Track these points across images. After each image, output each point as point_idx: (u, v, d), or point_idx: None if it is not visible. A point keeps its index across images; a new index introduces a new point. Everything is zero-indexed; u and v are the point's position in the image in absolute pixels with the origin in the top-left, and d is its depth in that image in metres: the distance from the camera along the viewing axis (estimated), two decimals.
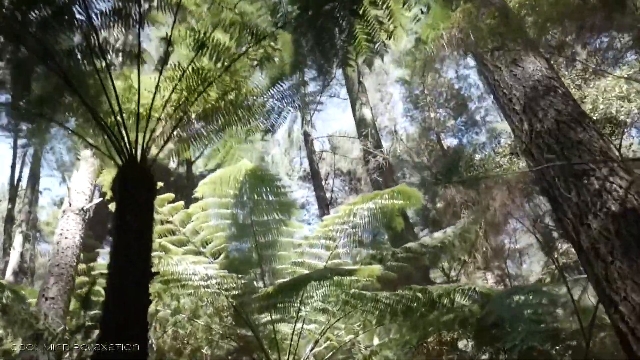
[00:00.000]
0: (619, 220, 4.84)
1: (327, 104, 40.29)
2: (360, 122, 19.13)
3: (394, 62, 41.37)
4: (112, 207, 5.31)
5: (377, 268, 6.43)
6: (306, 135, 37.93)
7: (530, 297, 8.80)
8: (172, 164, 18.65)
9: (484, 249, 10.05)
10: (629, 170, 5.39)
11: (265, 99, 5.78)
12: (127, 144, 4.15)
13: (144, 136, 4.34)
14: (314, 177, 35.60)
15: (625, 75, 10.04)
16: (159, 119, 4.61)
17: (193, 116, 4.94)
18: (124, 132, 4.09)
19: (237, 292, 7.85)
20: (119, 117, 4.32)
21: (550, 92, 6.09)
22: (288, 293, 6.86)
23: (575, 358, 8.43)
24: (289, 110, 6.04)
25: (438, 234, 7.85)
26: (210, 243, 8.51)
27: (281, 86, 5.67)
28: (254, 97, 5.53)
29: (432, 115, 35.91)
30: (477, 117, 36.01)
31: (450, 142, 30.02)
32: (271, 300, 7.06)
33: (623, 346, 4.49)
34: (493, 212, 8.50)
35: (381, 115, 33.46)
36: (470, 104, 36.20)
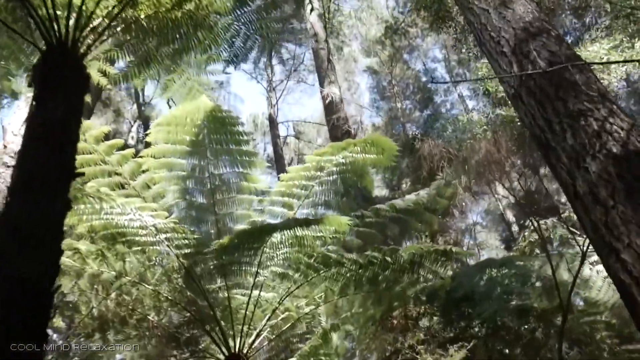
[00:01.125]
0: (620, 162, 4.32)
1: (294, 89, 39.59)
2: (328, 106, 18.52)
3: (362, 51, 40.83)
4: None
5: (344, 221, 5.80)
6: (271, 119, 37.14)
7: (503, 271, 8.37)
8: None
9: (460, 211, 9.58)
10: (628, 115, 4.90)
11: (230, 22, 5.06)
12: (56, 26, 3.40)
13: (78, 20, 3.59)
14: (277, 161, 34.87)
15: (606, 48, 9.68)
16: (97, 3, 3.86)
17: (142, 16, 4.20)
18: (52, 12, 3.34)
19: (189, 251, 7.13)
20: None
21: (542, 34, 5.58)
22: (245, 245, 6.16)
23: (547, 335, 8.05)
24: (256, 40, 5.35)
25: (410, 196, 7.28)
26: (163, 198, 7.76)
27: (249, 5, 4.97)
28: (217, 16, 4.81)
29: (399, 105, 35.57)
30: (443, 110, 35.92)
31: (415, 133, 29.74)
32: (226, 256, 6.36)
33: (625, 299, 3.98)
34: (476, 164, 8.02)
35: (348, 105, 32.89)
36: (436, 97, 36.07)
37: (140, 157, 7.31)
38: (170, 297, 8.37)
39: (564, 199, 13.95)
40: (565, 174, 4.71)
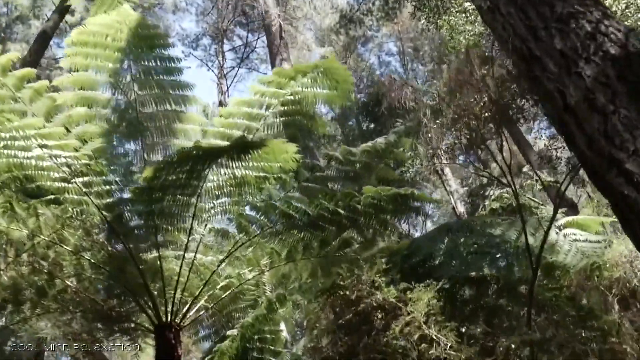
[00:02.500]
0: (620, 64, 3.60)
1: (246, 77, 38.55)
2: None
3: (317, 41, 40.01)
4: None
5: (291, 149, 4.94)
6: (221, 106, 35.86)
7: (465, 235, 7.72)
8: None
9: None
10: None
11: None
12: None
13: None
14: None
15: None
16: None
17: None
18: None
19: (111, 200, 6.14)
20: None
21: None
22: (175, 177, 5.21)
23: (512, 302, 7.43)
24: None
25: (369, 143, 6.49)
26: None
27: None
28: None
29: (352, 98, 34.87)
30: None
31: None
32: (155, 201, 5.41)
33: (628, 219, 3.26)
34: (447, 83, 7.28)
35: None
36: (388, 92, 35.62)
37: (55, 89, 6.21)
38: (93, 260, 7.32)
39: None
40: (552, 84, 3.97)
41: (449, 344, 5.41)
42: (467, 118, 9.40)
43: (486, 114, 9.77)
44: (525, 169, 14.04)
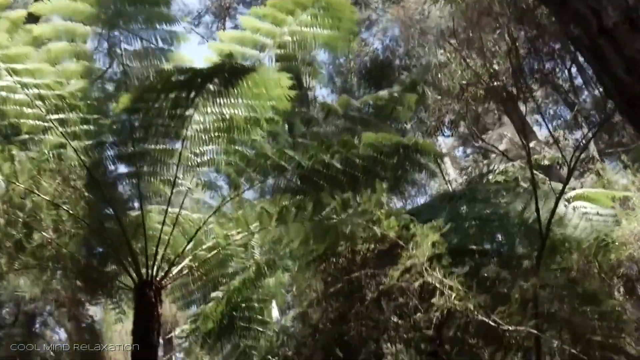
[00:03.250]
0: None
1: None
2: None
3: None
4: None
5: (285, 79, 4.46)
6: None
7: (465, 207, 7.28)
8: None
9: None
10: None
11: None
12: None
13: None
14: None
15: None
16: None
17: None
18: None
19: (90, 142, 5.68)
20: None
21: None
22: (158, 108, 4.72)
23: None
24: None
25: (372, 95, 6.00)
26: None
27: None
28: None
29: (354, 82, 34.30)
30: None
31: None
32: (134, 134, 4.94)
33: None
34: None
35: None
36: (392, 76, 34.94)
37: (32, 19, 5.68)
38: (72, 212, 6.85)
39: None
40: (584, 4, 3.45)
41: (454, 294, 4.94)
42: (476, 85, 8.97)
43: (495, 83, 9.34)
44: (532, 144, 13.62)
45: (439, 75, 10.02)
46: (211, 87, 4.87)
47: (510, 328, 5.00)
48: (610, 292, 8.16)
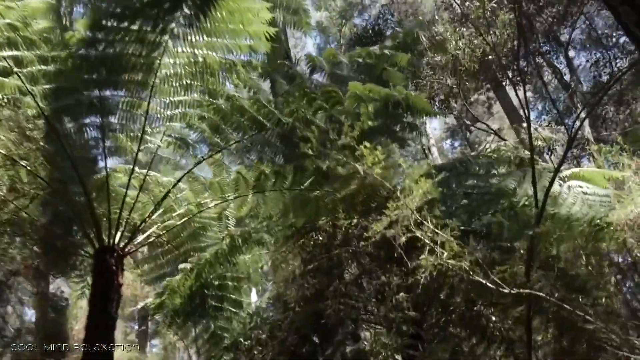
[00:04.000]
0: None
1: None
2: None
3: (313, 4, 38.69)
4: None
5: (265, 10, 3.94)
6: None
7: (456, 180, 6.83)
8: None
9: None
10: None
11: None
12: None
13: None
14: None
15: None
16: None
17: None
18: None
19: (49, 87, 5.10)
20: None
21: None
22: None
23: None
24: None
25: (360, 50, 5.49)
26: None
27: None
28: None
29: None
30: None
31: None
32: (98, 71, 4.36)
33: None
34: None
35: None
36: None
37: None
38: (30, 169, 6.26)
39: None
40: None
41: (446, 253, 4.45)
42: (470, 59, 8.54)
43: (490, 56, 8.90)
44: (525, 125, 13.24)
45: (432, 50, 9.57)
46: (181, 19, 4.34)
47: (512, 291, 4.48)
48: (601, 282, 7.82)
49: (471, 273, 4.33)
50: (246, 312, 9.25)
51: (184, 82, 5.07)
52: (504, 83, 11.47)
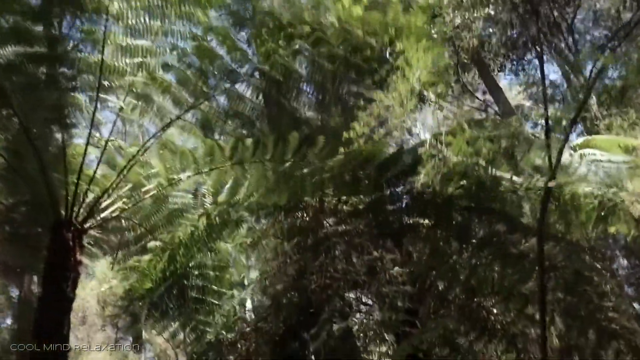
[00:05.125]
0: None
1: None
2: None
3: None
4: None
5: None
6: None
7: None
8: None
9: None
10: None
11: None
12: None
13: None
14: None
15: None
16: None
17: None
18: None
19: None
20: None
21: None
22: None
23: None
24: None
25: None
26: None
27: None
28: None
29: None
30: None
31: None
32: None
33: None
34: None
35: None
36: None
37: None
38: None
39: None
40: None
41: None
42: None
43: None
44: (528, 104, 12.61)
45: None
46: None
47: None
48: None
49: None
50: (229, 304, 8.55)
51: (141, 22, 4.39)
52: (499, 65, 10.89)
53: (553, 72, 14.06)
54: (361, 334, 5.21)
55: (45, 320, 4.82)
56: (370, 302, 5.14)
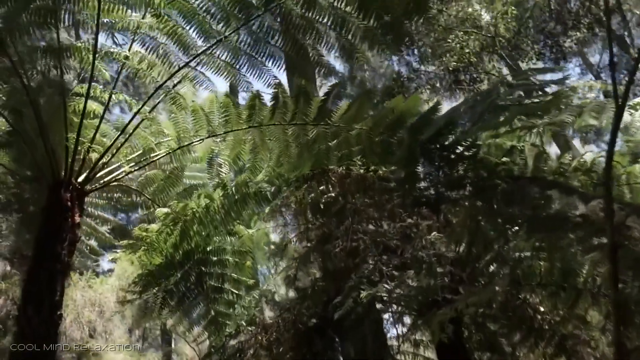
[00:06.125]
0: None
1: None
2: None
3: None
4: None
5: None
6: None
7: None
8: None
9: None
10: None
11: None
12: None
13: None
14: None
15: None
16: None
17: None
18: None
19: None
20: None
21: None
22: None
23: None
24: None
25: None
26: None
27: None
28: None
29: None
30: None
31: None
32: None
33: None
34: None
35: None
36: None
37: None
38: None
39: None
40: None
41: None
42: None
43: None
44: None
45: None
46: None
47: None
48: None
49: None
50: (250, 295, 7.92)
51: None
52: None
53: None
54: (392, 304, 4.51)
55: (35, 284, 4.28)
56: (402, 269, 4.44)
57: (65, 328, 9.62)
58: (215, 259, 7.37)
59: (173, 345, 19.67)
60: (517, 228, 5.14)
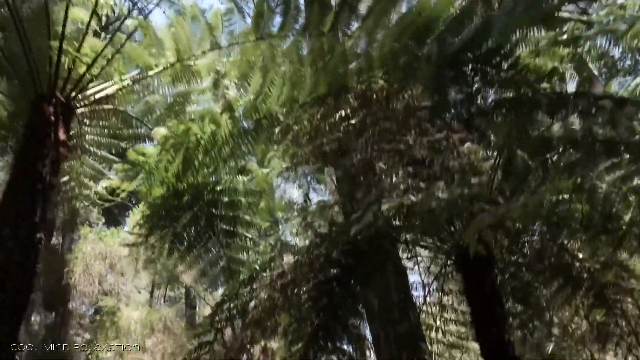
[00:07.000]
0: None
1: None
2: None
3: None
4: None
5: None
6: None
7: None
8: None
9: None
10: None
11: None
12: None
13: None
14: None
15: None
16: None
17: None
18: None
19: None
20: None
21: None
22: None
23: None
24: None
25: None
26: None
27: None
28: None
29: None
30: None
31: None
32: None
33: None
34: None
35: None
36: None
37: None
38: None
39: None
40: None
41: None
42: None
43: None
44: None
45: None
46: None
47: None
48: None
49: None
50: (266, 240, 7.38)
51: None
52: None
53: None
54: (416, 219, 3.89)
55: (12, 202, 3.76)
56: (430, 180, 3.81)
57: (75, 281, 9.25)
58: (226, 199, 6.82)
59: (197, 309, 19.80)
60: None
